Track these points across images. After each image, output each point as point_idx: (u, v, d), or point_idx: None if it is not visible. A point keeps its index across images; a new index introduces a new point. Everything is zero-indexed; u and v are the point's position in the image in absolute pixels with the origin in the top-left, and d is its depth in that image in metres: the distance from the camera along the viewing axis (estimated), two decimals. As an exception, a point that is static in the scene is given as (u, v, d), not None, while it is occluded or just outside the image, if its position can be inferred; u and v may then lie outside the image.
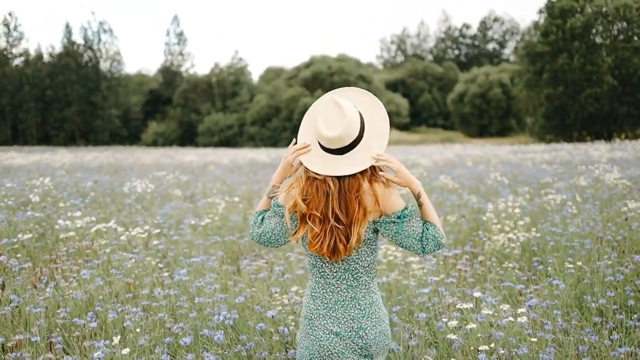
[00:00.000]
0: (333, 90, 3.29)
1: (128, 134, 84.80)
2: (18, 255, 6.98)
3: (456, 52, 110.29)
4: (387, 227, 3.17)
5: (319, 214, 3.12)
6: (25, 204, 10.52)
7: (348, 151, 3.10)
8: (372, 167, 3.18)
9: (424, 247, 3.16)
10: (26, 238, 7.19)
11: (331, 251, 3.13)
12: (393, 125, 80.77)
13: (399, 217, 3.14)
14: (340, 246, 3.10)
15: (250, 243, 8.49)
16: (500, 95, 77.60)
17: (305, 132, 3.28)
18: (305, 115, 3.31)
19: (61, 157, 26.18)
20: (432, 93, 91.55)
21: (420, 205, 3.23)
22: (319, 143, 3.16)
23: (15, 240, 7.45)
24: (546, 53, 58.50)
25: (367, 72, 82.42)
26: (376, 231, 3.24)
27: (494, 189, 12.62)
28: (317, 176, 3.13)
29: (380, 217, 3.17)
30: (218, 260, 7.05)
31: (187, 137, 79.86)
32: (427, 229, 3.17)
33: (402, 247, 3.21)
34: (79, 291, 5.56)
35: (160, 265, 6.56)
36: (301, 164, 3.24)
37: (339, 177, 3.10)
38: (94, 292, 5.58)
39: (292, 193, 3.22)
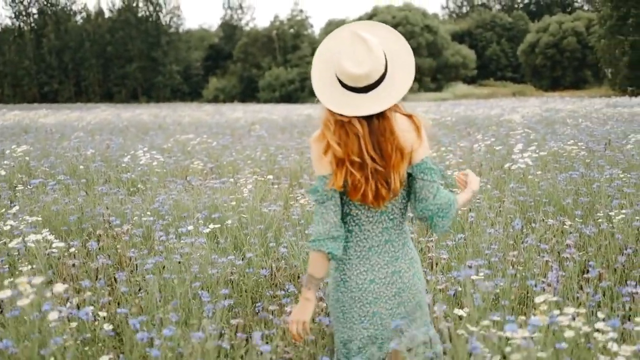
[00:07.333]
0: (348, 24, 2.94)
1: (189, 90, 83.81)
2: None
3: (526, 0, 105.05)
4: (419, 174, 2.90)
5: (357, 159, 2.82)
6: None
7: (373, 89, 2.81)
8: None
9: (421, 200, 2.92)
10: None
11: (374, 197, 2.86)
12: (459, 78, 78.39)
13: (430, 173, 2.89)
14: (383, 191, 2.85)
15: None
16: (575, 45, 73.57)
17: (321, 69, 2.91)
18: (319, 52, 2.95)
19: (94, 116, 23.53)
20: (501, 44, 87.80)
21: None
22: (340, 81, 2.83)
23: None
24: (632, -3, 53.95)
25: (432, 23, 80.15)
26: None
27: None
28: (342, 118, 2.82)
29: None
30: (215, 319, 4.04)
31: (248, 92, 78.23)
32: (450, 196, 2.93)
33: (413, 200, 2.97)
34: None
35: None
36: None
37: (366, 118, 2.81)
38: None
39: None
